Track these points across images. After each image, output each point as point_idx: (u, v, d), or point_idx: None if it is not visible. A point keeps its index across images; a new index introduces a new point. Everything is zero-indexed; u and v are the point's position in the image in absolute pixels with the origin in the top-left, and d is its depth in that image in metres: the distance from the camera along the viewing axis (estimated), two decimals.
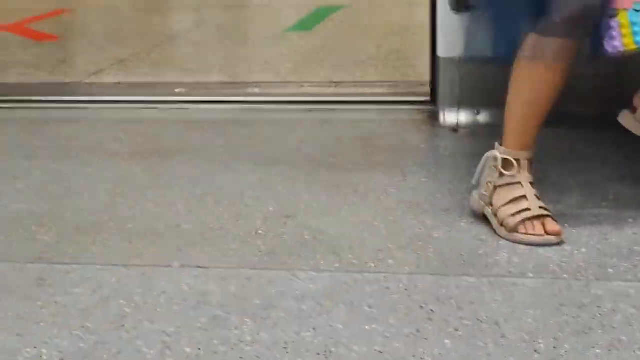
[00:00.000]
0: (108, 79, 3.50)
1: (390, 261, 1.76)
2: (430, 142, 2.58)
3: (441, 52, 2.68)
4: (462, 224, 1.94)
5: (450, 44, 2.63)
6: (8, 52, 4.04)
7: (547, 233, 1.84)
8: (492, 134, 2.52)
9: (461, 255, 1.78)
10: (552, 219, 1.86)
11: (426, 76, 2.92)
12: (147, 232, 1.95)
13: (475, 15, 2.22)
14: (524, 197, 1.89)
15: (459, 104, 2.67)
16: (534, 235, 1.84)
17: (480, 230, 1.90)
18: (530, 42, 1.90)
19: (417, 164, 2.36)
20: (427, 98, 2.82)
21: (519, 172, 1.92)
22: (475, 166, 2.02)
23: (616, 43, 1.84)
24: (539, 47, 1.89)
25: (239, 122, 2.81)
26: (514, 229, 1.86)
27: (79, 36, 4.56)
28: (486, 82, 2.63)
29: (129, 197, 2.18)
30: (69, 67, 3.75)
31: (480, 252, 1.80)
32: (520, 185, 1.92)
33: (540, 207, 1.88)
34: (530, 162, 1.94)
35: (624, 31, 1.84)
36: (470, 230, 1.91)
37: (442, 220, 1.96)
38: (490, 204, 1.93)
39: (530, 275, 1.69)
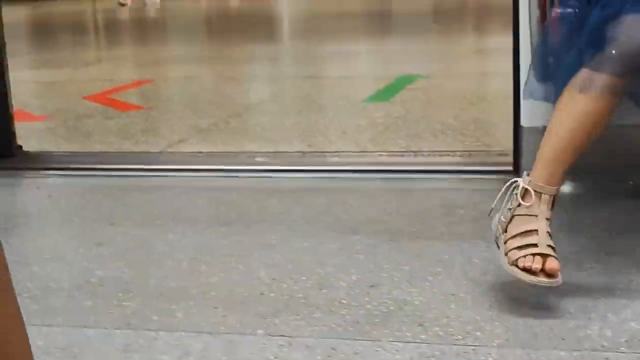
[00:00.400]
0: (189, 147, 3.55)
1: (478, 333, 1.72)
2: None
3: (524, 122, 2.65)
4: (550, 296, 1.89)
5: (534, 113, 2.61)
6: (93, 122, 4.14)
7: (544, 270, 1.81)
8: (575, 203, 2.50)
9: (551, 328, 1.73)
10: (555, 258, 1.83)
11: (508, 145, 2.90)
12: (230, 299, 1.95)
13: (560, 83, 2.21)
14: (535, 231, 1.87)
15: None
16: (529, 272, 1.81)
17: (569, 302, 1.85)
18: (581, 75, 1.90)
19: None
20: (510, 167, 2.79)
21: (538, 205, 1.90)
22: (564, 237, 1.97)
23: None
24: (589, 80, 1.89)
25: (318, 190, 2.81)
26: (514, 263, 1.83)
27: (161, 106, 4.66)
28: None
29: (211, 264, 2.19)
30: (152, 136, 3.82)
31: (570, 325, 1.75)
32: (535, 218, 1.89)
33: (548, 245, 1.85)
34: (554, 198, 1.92)
35: None
36: (559, 302, 1.86)
37: (530, 292, 1.91)
38: (505, 231, 1.91)
39: (623, 349, 1.63)
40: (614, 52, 1.88)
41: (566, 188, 2.60)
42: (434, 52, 6.14)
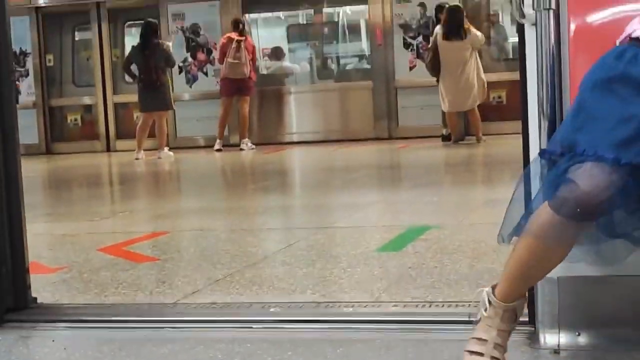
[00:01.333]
0: (203, 298, 3.56)
1: None
2: None
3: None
4: None
5: None
6: (108, 274, 4.16)
7: None
8: (595, 355, 2.48)
9: None
10: None
11: None
12: None
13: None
14: (485, 341, 2.16)
15: (559, 324, 2.62)
16: None
17: None
18: (542, 213, 2.09)
19: None
20: (525, 319, 2.78)
21: (494, 317, 2.19)
22: None
23: None
24: (547, 221, 2.08)
25: (333, 341, 2.80)
26: None
27: (176, 257, 4.69)
28: (586, 303, 2.60)
29: None
30: (166, 288, 3.83)
31: None
32: (489, 329, 2.18)
33: (492, 357, 2.13)
34: (510, 312, 2.21)
35: None
36: None
37: None
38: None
39: None
40: (568, 195, 2.02)
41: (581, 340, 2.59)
42: (445, 203, 6.21)
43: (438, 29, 11.23)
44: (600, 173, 1.97)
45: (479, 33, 11.10)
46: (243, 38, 12.38)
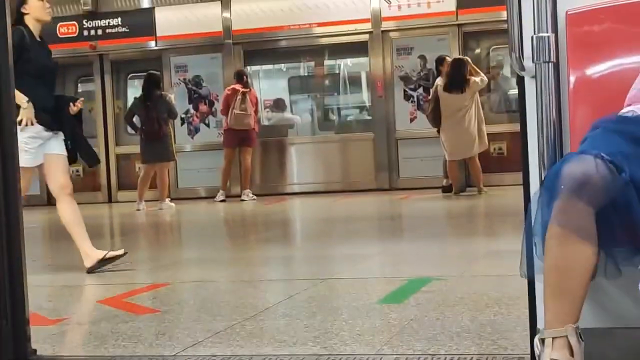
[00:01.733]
0: (204, 351, 3.53)
1: None
2: None
3: (541, 324, 2.64)
4: None
5: None
6: (108, 326, 4.14)
7: None
8: None
9: None
10: None
11: (525, 349, 2.89)
12: None
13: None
14: None
15: None
16: None
17: None
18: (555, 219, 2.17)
19: None
20: None
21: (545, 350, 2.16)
22: None
23: None
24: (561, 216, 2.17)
25: None
26: None
27: (176, 309, 4.67)
28: (590, 355, 2.58)
29: None
30: (166, 340, 3.81)
31: None
32: None
33: None
34: (561, 341, 2.13)
35: None
36: None
37: None
38: None
39: None
40: (566, 173, 2.17)
41: None
42: (446, 255, 6.19)
43: (439, 80, 11.31)
44: (586, 159, 2.20)
45: (477, 78, 11.13)
46: (248, 90, 12.47)
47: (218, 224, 10.45)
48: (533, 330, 2.70)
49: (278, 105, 14.20)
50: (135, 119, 12.11)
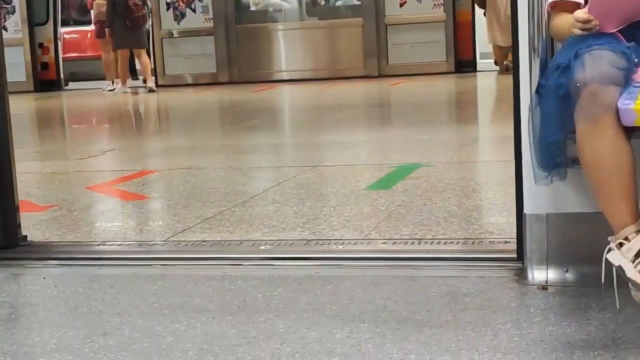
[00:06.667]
0: (194, 236, 3.57)
1: None
2: (519, 300, 2.54)
3: (527, 209, 2.68)
4: None
5: (537, 201, 2.63)
6: (98, 212, 4.16)
7: None
8: (582, 292, 2.50)
9: None
10: None
11: (511, 233, 2.92)
12: None
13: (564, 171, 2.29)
14: None
15: (547, 261, 2.65)
16: None
17: None
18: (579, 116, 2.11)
19: (508, 322, 2.32)
20: (514, 255, 2.80)
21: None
22: (568, 324, 1.97)
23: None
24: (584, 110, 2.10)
25: (323, 278, 2.82)
26: None
27: (166, 196, 4.69)
28: (574, 239, 2.62)
29: (217, 354, 2.19)
30: (156, 226, 3.84)
31: None
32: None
33: None
34: None
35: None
36: None
37: None
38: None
39: None
40: (577, 83, 2.09)
41: (569, 276, 2.61)
42: (435, 141, 6.20)
43: None
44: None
45: None
46: None
47: (206, 111, 10.40)
48: (520, 215, 2.73)
49: None
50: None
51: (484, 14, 11.78)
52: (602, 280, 2.17)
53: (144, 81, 12.65)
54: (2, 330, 2.49)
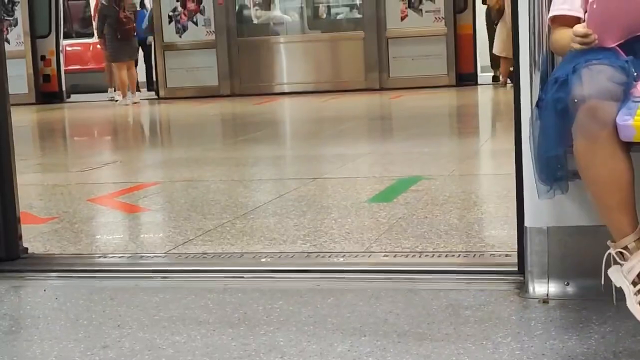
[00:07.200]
0: (195, 249, 3.57)
1: None
2: (520, 314, 2.54)
3: (528, 222, 2.67)
4: None
5: (538, 214, 2.63)
6: (98, 224, 4.16)
7: None
8: (583, 305, 2.50)
9: None
10: None
11: (512, 246, 2.92)
12: None
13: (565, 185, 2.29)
14: None
15: (548, 274, 2.64)
16: None
17: None
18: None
19: (509, 335, 2.32)
20: (515, 268, 2.80)
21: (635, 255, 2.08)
22: (569, 338, 1.97)
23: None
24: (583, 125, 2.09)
25: (324, 291, 2.82)
26: None
27: (167, 208, 4.69)
28: (575, 252, 2.62)
29: None
30: (157, 238, 3.84)
31: None
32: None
33: None
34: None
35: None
36: None
37: None
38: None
39: None
40: (575, 99, 2.09)
41: (570, 289, 2.61)
42: (436, 154, 6.21)
43: None
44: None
45: None
46: None
47: (207, 124, 10.41)
48: (521, 228, 2.73)
49: (266, 3, 13.99)
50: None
51: (495, 24, 11.92)
52: (602, 285, 2.19)
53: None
54: (3, 343, 2.48)
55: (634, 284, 2.07)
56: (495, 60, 12.40)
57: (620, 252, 2.12)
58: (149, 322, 2.59)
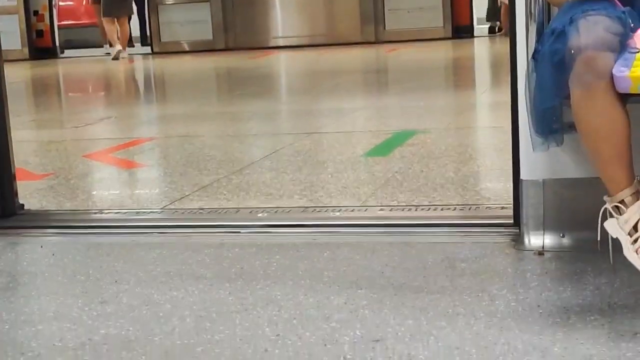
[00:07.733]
0: (191, 204, 3.57)
1: None
2: (515, 266, 2.55)
3: (524, 175, 2.68)
4: (555, 349, 1.90)
5: (534, 167, 2.63)
6: (94, 180, 4.16)
7: None
8: (579, 257, 2.51)
9: None
10: None
11: (508, 199, 2.92)
12: (235, 356, 1.95)
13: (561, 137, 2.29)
14: None
15: (544, 226, 2.65)
16: None
17: (574, 353, 1.85)
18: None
19: (505, 287, 2.33)
20: (510, 221, 2.81)
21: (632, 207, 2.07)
22: (564, 289, 1.98)
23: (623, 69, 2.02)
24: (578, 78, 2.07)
25: (320, 245, 2.82)
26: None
27: (162, 163, 4.69)
28: (571, 204, 2.62)
29: (215, 321, 2.19)
30: (153, 194, 3.84)
31: None
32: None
33: None
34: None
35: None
36: (564, 356, 1.86)
37: (534, 345, 1.92)
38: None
39: None
40: (572, 49, 2.06)
41: (565, 241, 2.62)
42: (432, 108, 6.19)
43: None
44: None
45: None
46: None
47: (202, 79, 10.37)
48: (516, 180, 2.73)
49: None
50: None
51: None
52: (598, 238, 2.19)
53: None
54: (1, 299, 2.49)
55: (631, 234, 2.08)
56: (491, 11, 12.34)
57: (617, 206, 2.12)
58: (147, 277, 2.59)
